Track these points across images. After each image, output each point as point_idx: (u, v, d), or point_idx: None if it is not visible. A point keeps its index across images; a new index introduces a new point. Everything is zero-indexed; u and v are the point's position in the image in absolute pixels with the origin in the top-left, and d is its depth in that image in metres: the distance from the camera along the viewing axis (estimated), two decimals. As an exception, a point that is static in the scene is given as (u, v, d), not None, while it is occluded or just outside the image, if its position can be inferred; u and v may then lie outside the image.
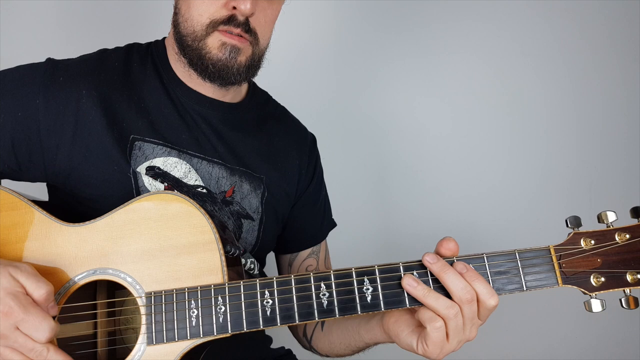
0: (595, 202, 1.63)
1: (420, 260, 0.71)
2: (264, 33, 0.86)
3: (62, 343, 0.72)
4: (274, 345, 1.05)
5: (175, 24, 0.87)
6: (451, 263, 0.71)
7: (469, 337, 0.71)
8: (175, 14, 0.87)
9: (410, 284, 0.69)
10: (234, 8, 0.81)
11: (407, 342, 0.74)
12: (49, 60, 0.86)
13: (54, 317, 0.66)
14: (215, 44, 0.82)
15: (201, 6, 0.81)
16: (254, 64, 0.87)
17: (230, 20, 0.81)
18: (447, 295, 0.69)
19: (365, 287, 0.70)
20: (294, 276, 0.71)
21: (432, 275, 0.70)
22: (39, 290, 0.64)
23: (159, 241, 0.73)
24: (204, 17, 0.81)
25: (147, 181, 0.83)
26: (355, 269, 0.71)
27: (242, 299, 0.70)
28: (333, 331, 0.93)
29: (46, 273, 0.72)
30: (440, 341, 0.69)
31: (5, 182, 0.84)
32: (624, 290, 0.70)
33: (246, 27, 0.82)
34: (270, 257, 1.06)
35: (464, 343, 0.71)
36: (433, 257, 0.70)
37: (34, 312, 0.63)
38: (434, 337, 0.69)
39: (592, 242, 0.71)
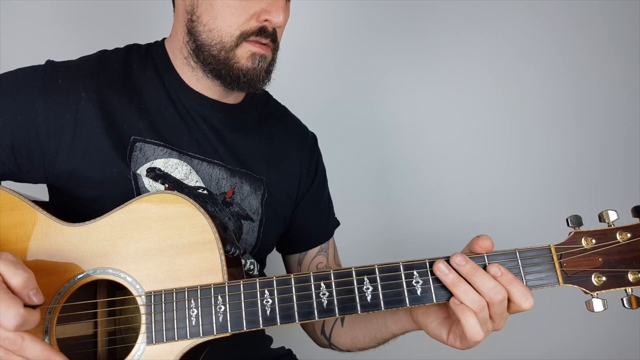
0: (596, 201, 1.63)
1: (421, 260, 0.71)
2: (280, 38, 0.88)
3: (62, 343, 0.72)
4: (274, 345, 1.05)
5: (193, 32, 0.85)
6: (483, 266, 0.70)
7: (498, 327, 0.71)
8: (192, 21, 0.85)
9: (442, 270, 0.69)
10: (265, 20, 0.82)
11: (436, 333, 0.75)
12: (48, 62, 0.86)
13: (36, 307, 0.63)
14: (244, 54, 0.83)
15: (230, 17, 0.82)
16: (271, 68, 0.88)
17: (260, 32, 0.82)
18: None
19: (365, 287, 0.70)
20: (294, 276, 0.71)
21: (432, 274, 0.70)
22: (16, 277, 0.61)
23: (159, 241, 0.73)
24: (233, 28, 0.82)
25: (148, 182, 0.83)
26: (355, 268, 0.71)
27: (242, 299, 0.70)
28: (356, 326, 0.93)
29: (46, 273, 0.72)
30: (477, 331, 0.68)
31: (7, 183, 0.84)
32: (625, 290, 0.70)
33: (274, 37, 0.84)
34: (270, 258, 1.06)
35: (490, 332, 0.71)
36: (462, 259, 0.69)
37: (2, 297, 0.60)
38: (469, 328, 0.68)
39: (593, 241, 0.70)
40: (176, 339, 0.69)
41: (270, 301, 0.70)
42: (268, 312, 0.69)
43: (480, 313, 0.68)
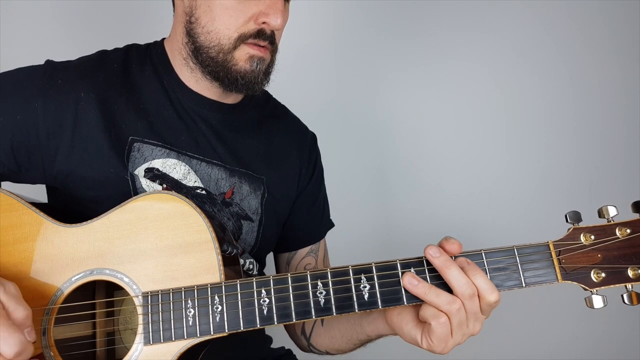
0: (596, 201, 1.62)
1: (418, 257, 0.71)
2: (279, 40, 0.88)
3: (60, 343, 0.71)
4: (274, 345, 1.04)
5: (192, 34, 0.85)
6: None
7: (473, 332, 0.70)
8: (191, 22, 0.85)
9: (411, 282, 0.69)
10: (263, 22, 0.82)
11: (410, 336, 0.74)
12: (48, 62, 0.86)
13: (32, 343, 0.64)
14: (242, 57, 0.83)
15: (228, 19, 0.82)
16: (270, 70, 0.88)
17: (258, 34, 0.82)
18: (448, 289, 0.68)
19: (362, 285, 0.70)
20: (291, 275, 0.70)
21: (430, 271, 0.70)
22: (18, 311, 0.63)
23: (156, 241, 0.73)
24: (231, 31, 0.82)
25: (145, 183, 0.83)
26: (352, 266, 0.70)
27: (239, 298, 0.69)
28: (334, 325, 0.92)
29: (43, 274, 0.72)
30: (445, 336, 0.68)
31: (4, 184, 0.84)
32: (625, 286, 0.69)
33: (272, 39, 0.84)
34: (270, 258, 1.06)
35: (468, 337, 0.70)
36: (436, 250, 0.69)
37: (4, 324, 0.61)
38: (438, 333, 0.68)
39: (592, 237, 0.70)
40: (173, 339, 0.69)
41: (268, 300, 0.69)
42: (265, 312, 0.69)
43: (457, 314, 0.67)
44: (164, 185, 0.84)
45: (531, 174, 1.63)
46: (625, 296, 0.69)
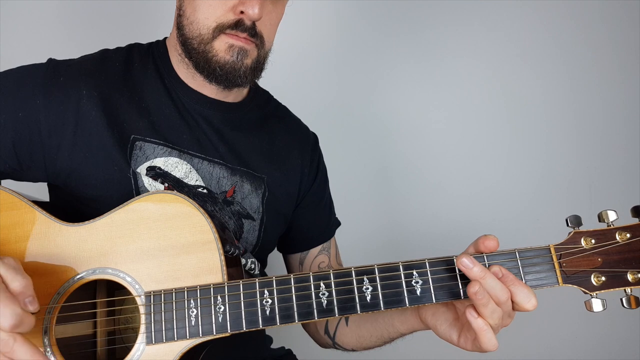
0: (595, 202, 1.63)
1: (420, 260, 0.71)
2: (269, 35, 0.87)
3: (62, 343, 0.72)
4: (274, 345, 1.05)
5: (180, 26, 0.86)
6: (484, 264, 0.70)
7: (505, 324, 0.71)
8: (179, 15, 0.86)
9: (466, 264, 0.68)
10: (242, 12, 0.81)
11: (446, 335, 0.75)
12: (50, 60, 0.86)
13: (33, 313, 0.63)
14: (222, 47, 0.82)
15: (208, 9, 0.81)
16: (259, 66, 0.87)
17: (237, 25, 0.81)
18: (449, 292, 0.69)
19: (364, 287, 0.70)
20: (294, 276, 0.71)
21: (432, 273, 0.70)
22: (15, 282, 0.62)
23: (158, 241, 0.73)
24: (210, 21, 0.82)
25: (147, 182, 0.83)
26: (354, 268, 0.70)
27: (242, 299, 0.70)
28: (362, 325, 0.93)
29: (45, 273, 0.72)
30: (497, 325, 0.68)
31: (6, 182, 0.84)
32: (624, 290, 0.69)
33: (252, 31, 0.83)
34: (272, 258, 1.06)
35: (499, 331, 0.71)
36: (469, 261, 0.68)
37: (0, 297, 0.60)
38: (486, 341, 0.68)
39: (593, 241, 0.70)
40: (175, 339, 0.69)
41: (270, 301, 0.70)
42: (267, 312, 0.69)
43: (496, 324, 0.68)
44: (166, 184, 0.84)
45: (531, 175, 1.64)
46: (624, 300, 0.69)
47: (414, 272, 0.70)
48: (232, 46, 0.82)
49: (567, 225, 0.72)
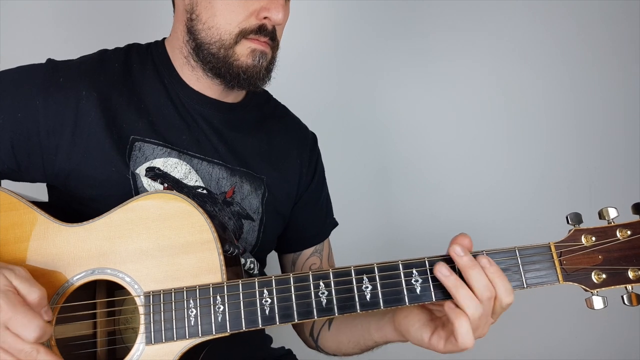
0: (596, 201, 1.63)
1: (420, 258, 0.71)
2: (280, 37, 0.88)
3: (61, 343, 0.71)
4: (274, 345, 1.04)
5: (193, 30, 0.85)
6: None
7: (481, 334, 0.70)
8: (191, 20, 0.85)
9: (443, 272, 0.68)
10: (265, 17, 0.82)
11: (417, 336, 0.74)
12: (49, 61, 0.86)
13: (49, 322, 0.65)
14: (244, 52, 0.83)
15: (230, 15, 0.82)
16: (271, 67, 0.88)
17: (260, 29, 0.82)
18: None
19: (364, 286, 0.70)
20: (293, 275, 0.70)
21: (431, 272, 0.70)
22: (32, 294, 0.64)
23: (158, 241, 0.73)
24: (232, 26, 0.82)
25: (146, 182, 0.83)
26: (354, 267, 0.70)
27: (241, 298, 0.69)
28: (341, 330, 0.93)
29: (45, 273, 0.72)
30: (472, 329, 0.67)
31: (5, 183, 0.84)
32: (625, 287, 0.69)
33: (273, 35, 0.84)
34: (271, 258, 1.06)
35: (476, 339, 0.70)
36: (460, 249, 0.68)
37: (22, 310, 0.62)
38: (462, 332, 0.67)
39: (593, 238, 0.70)
40: (175, 339, 0.69)
41: (269, 301, 0.69)
42: (267, 312, 0.69)
43: (475, 318, 0.67)
44: (165, 185, 0.84)
45: (531, 174, 1.64)
46: (625, 297, 0.69)
47: (414, 271, 0.70)
48: (254, 50, 0.83)
49: (568, 222, 0.72)
